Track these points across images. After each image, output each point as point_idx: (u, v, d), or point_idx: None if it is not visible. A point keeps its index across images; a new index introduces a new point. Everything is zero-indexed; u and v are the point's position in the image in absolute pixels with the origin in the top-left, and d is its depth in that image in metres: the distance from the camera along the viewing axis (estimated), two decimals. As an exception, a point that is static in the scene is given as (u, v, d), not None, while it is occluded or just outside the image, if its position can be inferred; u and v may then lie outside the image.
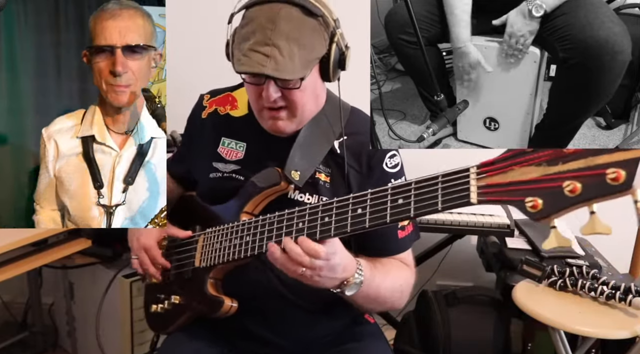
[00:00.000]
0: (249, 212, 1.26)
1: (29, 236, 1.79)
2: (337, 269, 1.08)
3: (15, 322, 2.49)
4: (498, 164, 0.85)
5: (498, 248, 2.07)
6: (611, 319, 1.62)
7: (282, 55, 1.10)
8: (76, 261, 2.18)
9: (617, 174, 0.73)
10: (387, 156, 1.29)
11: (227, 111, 1.37)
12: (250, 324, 1.31)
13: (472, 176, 0.87)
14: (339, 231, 1.03)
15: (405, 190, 0.96)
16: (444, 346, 1.94)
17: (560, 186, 0.77)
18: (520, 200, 0.80)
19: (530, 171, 0.81)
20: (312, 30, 1.15)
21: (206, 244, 1.29)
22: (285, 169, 1.22)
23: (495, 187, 0.84)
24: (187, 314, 1.33)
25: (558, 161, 0.79)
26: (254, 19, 1.14)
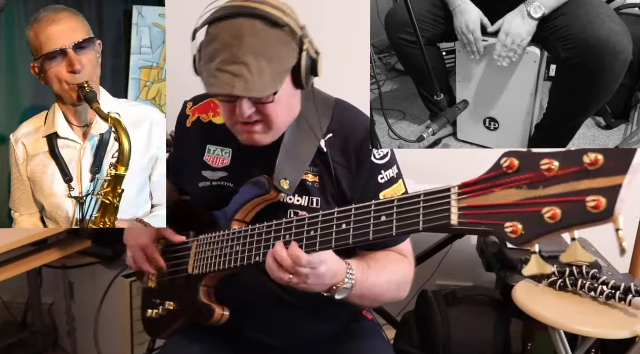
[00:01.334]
0: (241, 220, 1.25)
1: (29, 236, 1.79)
2: (325, 277, 1.08)
3: (15, 322, 2.49)
4: (480, 185, 0.83)
5: (498, 248, 2.07)
6: (611, 319, 1.61)
7: (251, 73, 1.07)
8: (76, 261, 2.17)
9: (597, 202, 0.71)
10: (374, 148, 1.27)
11: (210, 118, 1.35)
12: (249, 329, 1.31)
13: (453, 197, 0.86)
14: (324, 245, 1.04)
15: (388, 207, 0.96)
16: (444, 346, 1.94)
17: (540, 212, 0.76)
18: (501, 224, 0.79)
19: (511, 194, 0.79)
20: (279, 41, 1.12)
21: (199, 251, 1.29)
22: (275, 178, 1.21)
23: (476, 209, 0.83)
24: (181, 320, 1.34)
25: (539, 185, 0.77)
26: (217, 37, 1.11)
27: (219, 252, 1.23)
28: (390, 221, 0.95)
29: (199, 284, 1.27)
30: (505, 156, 0.80)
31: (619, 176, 0.71)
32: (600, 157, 0.72)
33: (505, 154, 0.81)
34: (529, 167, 0.78)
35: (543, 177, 0.77)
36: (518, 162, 0.79)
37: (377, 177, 1.26)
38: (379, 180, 1.27)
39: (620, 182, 0.71)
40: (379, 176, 1.27)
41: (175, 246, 1.35)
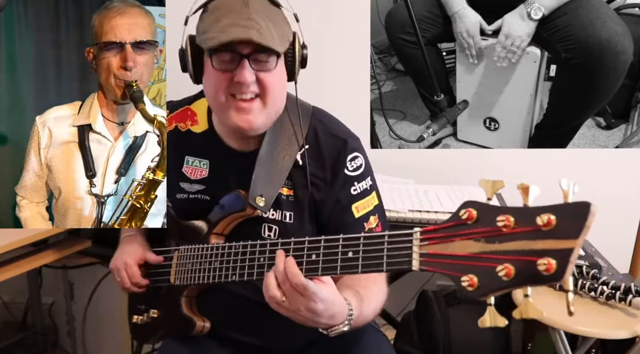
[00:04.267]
0: (219, 233, 1.25)
1: (29, 236, 1.78)
2: (321, 315, 1.03)
3: (15, 322, 2.48)
4: (441, 233, 0.85)
5: (498, 248, 2.07)
6: (611, 319, 1.61)
7: (261, 27, 1.08)
8: (76, 261, 2.17)
9: (547, 265, 0.72)
10: (348, 160, 1.25)
11: (188, 127, 1.33)
12: (240, 334, 1.31)
13: (414, 242, 0.88)
14: None
15: (355, 243, 0.97)
16: (444, 346, 1.94)
17: (494, 268, 0.77)
18: (458, 276, 0.81)
19: (469, 246, 0.81)
20: (280, 16, 1.15)
21: (180, 263, 1.28)
22: (250, 196, 1.20)
23: (436, 257, 0.85)
24: (165, 328, 1.34)
25: (495, 239, 0.78)
26: (220, 7, 1.12)
27: (198, 266, 1.22)
28: (357, 258, 0.96)
29: (181, 295, 1.28)
30: (464, 207, 0.82)
31: (571, 239, 0.72)
32: (552, 218, 0.73)
33: (464, 205, 0.83)
34: (486, 220, 0.80)
35: (499, 232, 0.78)
36: (476, 214, 0.81)
37: (349, 189, 1.25)
38: (352, 191, 1.25)
39: (572, 246, 0.72)
40: (352, 188, 1.25)
41: (158, 253, 1.35)
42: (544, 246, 0.74)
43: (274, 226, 1.24)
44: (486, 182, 0.82)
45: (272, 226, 1.24)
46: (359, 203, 1.26)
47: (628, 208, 1.82)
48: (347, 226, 1.24)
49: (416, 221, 1.75)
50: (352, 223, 1.25)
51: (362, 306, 1.14)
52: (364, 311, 1.14)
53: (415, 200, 1.85)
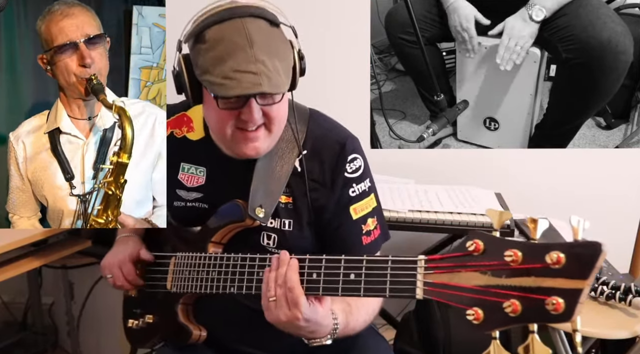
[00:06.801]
0: (217, 242, 1.24)
1: (29, 236, 1.79)
2: (300, 329, 1.03)
3: (15, 322, 2.48)
4: (445, 263, 0.84)
5: (498, 248, 2.07)
6: (611, 319, 1.61)
7: (269, 71, 1.05)
8: (76, 261, 2.17)
9: (556, 305, 0.71)
10: (347, 162, 1.23)
11: (184, 134, 1.31)
12: (241, 346, 1.29)
13: (419, 270, 0.88)
14: None
15: (357, 266, 0.96)
16: (444, 346, 1.94)
17: (501, 303, 0.76)
18: (464, 309, 0.80)
19: (475, 278, 0.80)
20: (281, 40, 1.11)
21: (176, 270, 1.27)
22: (249, 207, 1.18)
23: (441, 287, 0.84)
24: (160, 334, 1.33)
25: (502, 274, 0.78)
26: (221, 39, 1.06)
27: (196, 275, 1.21)
28: (359, 282, 0.95)
29: (177, 303, 1.26)
30: (471, 239, 0.81)
31: (580, 280, 0.71)
32: (562, 256, 0.72)
33: (471, 236, 0.82)
34: (493, 253, 0.79)
35: (507, 266, 0.77)
36: (483, 246, 0.80)
37: (348, 190, 1.23)
38: (350, 193, 1.23)
39: (581, 287, 0.71)
40: (350, 189, 1.24)
41: (155, 258, 1.33)
42: (552, 285, 0.72)
43: (272, 235, 1.23)
44: (493, 212, 0.81)
45: (271, 235, 1.23)
46: (357, 205, 1.24)
47: (628, 208, 1.82)
48: (345, 227, 1.23)
49: (416, 221, 1.75)
50: (350, 225, 1.23)
51: (350, 318, 1.13)
52: (350, 322, 1.14)
53: (415, 200, 1.84)
